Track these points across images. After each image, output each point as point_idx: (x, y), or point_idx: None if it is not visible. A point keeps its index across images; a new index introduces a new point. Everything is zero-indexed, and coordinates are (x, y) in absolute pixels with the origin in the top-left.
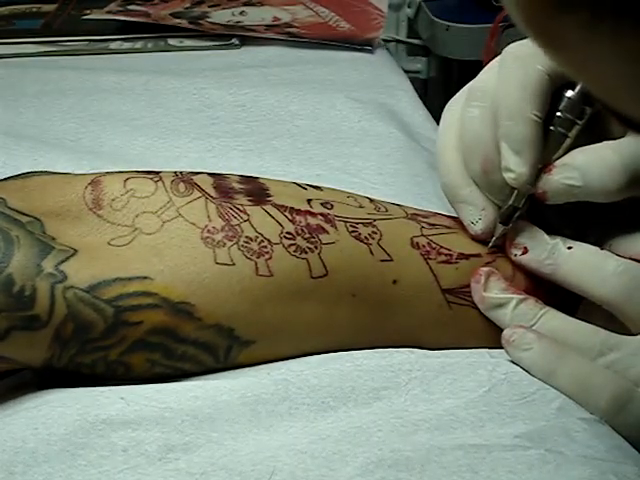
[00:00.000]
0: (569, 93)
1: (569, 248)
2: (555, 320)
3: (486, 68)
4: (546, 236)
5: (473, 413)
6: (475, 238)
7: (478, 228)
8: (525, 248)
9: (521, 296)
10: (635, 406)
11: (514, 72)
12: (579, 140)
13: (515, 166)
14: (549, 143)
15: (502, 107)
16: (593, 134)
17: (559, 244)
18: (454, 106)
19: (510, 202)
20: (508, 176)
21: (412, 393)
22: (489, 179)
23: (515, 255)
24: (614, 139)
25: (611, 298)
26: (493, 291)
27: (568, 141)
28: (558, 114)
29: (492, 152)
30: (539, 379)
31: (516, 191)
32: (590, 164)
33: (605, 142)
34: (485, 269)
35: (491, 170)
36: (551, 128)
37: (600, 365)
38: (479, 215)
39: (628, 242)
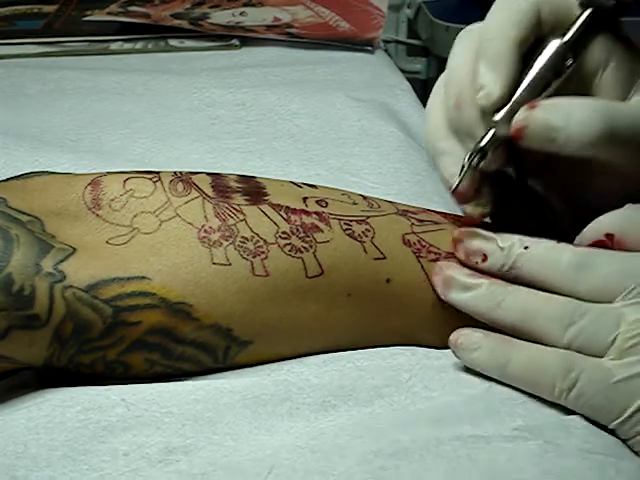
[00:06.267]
0: (558, 40)
1: (526, 248)
2: (525, 294)
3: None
4: (499, 240)
5: (473, 410)
6: (454, 194)
7: (456, 182)
8: (484, 255)
9: (489, 280)
10: (587, 375)
11: (505, 2)
12: (564, 92)
13: (487, 82)
14: (530, 85)
15: (485, 28)
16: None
17: (515, 245)
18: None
19: (482, 144)
20: (479, 96)
21: (413, 391)
22: (462, 115)
23: (477, 262)
24: None
25: (570, 288)
26: (459, 275)
27: (550, 89)
28: (545, 58)
29: (467, 83)
30: (493, 377)
31: (489, 134)
32: (575, 107)
33: (592, 97)
34: (443, 263)
35: (464, 102)
36: (535, 72)
37: (572, 333)
38: (457, 168)
39: (585, 234)
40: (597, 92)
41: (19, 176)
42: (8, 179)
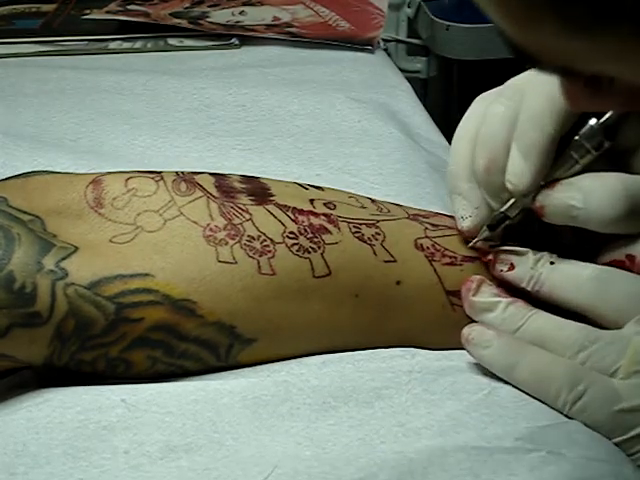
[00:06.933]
0: (592, 121)
1: (552, 263)
2: (542, 319)
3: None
4: (530, 253)
5: (475, 416)
6: (460, 233)
7: (465, 224)
8: (512, 264)
9: (509, 299)
10: (593, 392)
11: (549, 80)
12: (594, 169)
13: (519, 171)
14: (559, 164)
15: (525, 111)
16: (612, 169)
17: (543, 258)
18: (485, 98)
19: (503, 209)
20: (508, 180)
21: (413, 392)
22: (489, 179)
23: (501, 270)
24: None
25: (587, 303)
26: (483, 296)
27: (577, 167)
28: (576, 138)
29: (500, 153)
30: (501, 376)
31: (512, 200)
32: (594, 188)
33: (616, 173)
34: (477, 277)
35: (493, 171)
36: (569, 149)
37: (581, 357)
38: (470, 212)
39: (606, 250)
40: (633, 169)
41: (19, 175)
42: (8, 178)
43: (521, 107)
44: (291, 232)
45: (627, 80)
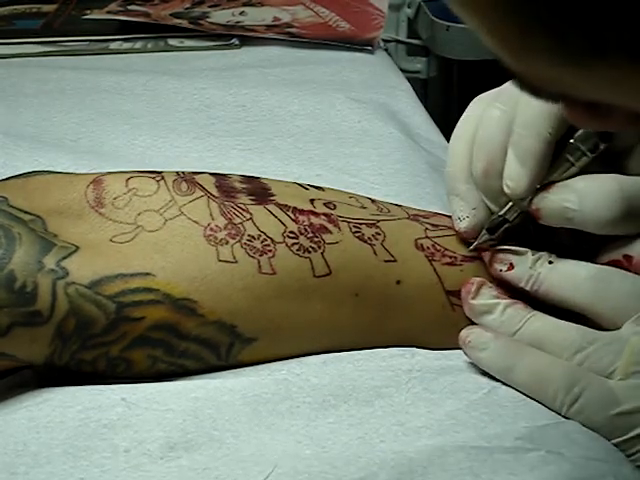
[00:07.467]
0: None
1: (550, 263)
2: (540, 321)
3: None
4: (530, 253)
5: (475, 415)
6: (457, 234)
7: (463, 225)
8: (511, 264)
9: (508, 301)
10: (590, 394)
11: None
12: (589, 171)
13: (516, 176)
14: (555, 166)
15: (520, 116)
16: (607, 170)
17: (542, 258)
18: (483, 99)
19: (501, 213)
20: (506, 184)
21: (413, 391)
22: (487, 183)
23: (500, 270)
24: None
25: (585, 301)
26: (483, 298)
27: (573, 170)
28: (571, 141)
29: (497, 157)
30: (498, 379)
31: (510, 204)
32: (590, 190)
33: (612, 174)
34: (477, 279)
35: (491, 175)
36: (565, 151)
37: (579, 358)
38: (468, 213)
39: (604, 251)
40: (628, 170)
41: (20, 175)
42: (8, 178)
43: (516, 111)
44: (291, 232)
45: (627, 107)
